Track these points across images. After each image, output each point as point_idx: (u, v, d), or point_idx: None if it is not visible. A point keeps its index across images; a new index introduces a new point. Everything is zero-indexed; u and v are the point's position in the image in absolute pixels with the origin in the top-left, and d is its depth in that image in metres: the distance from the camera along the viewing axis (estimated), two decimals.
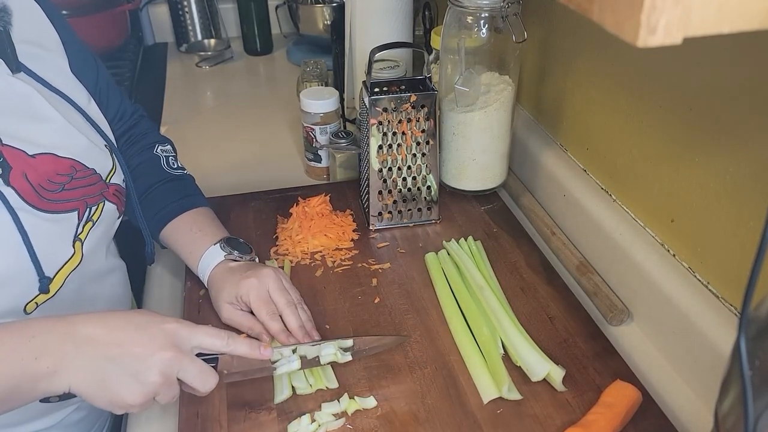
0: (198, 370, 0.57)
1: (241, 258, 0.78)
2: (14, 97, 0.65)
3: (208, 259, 0.77)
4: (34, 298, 0.64)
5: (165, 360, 0.54)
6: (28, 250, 0.61)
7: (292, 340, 0.71)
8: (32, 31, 0.70)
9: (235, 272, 0.75)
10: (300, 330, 0.71)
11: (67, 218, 0.67)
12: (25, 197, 0.62)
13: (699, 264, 0.71)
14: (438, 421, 0.65)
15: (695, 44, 0.39)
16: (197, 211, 0.82)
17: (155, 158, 0.85)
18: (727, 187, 0.65)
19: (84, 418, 0.78)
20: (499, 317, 0.74)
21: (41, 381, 0.51)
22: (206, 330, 0.59)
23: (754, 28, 0.28)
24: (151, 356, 0.54)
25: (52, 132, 0.67)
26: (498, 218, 0.96)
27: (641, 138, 0.77)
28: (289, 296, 0.74)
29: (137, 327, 0.55)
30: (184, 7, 1.69)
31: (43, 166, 0.65)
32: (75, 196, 0.67)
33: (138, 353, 0.54)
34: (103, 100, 0.80)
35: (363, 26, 1.12)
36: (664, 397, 0.69)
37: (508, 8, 0.85)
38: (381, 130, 0.88)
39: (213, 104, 1.49)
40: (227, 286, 0.74)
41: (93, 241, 0.71)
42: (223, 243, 0.78)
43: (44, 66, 0.69)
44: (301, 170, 1.14)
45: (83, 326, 0.54)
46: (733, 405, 0.36)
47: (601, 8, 0.29)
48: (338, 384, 0.69)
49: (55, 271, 0.65)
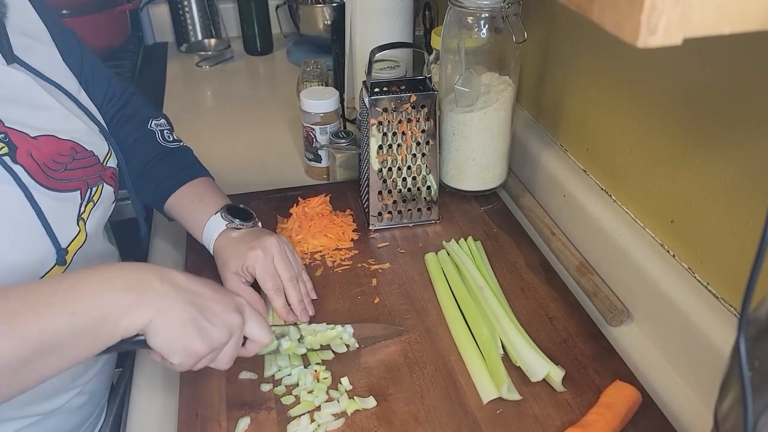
0: (259, 325, 0.61)
1: (242, 225, 0.78)
2: (12, 87, 0.66)
3: (210, 229, 0.78)
4: (49, 272, 0.65)
5: (235, 321, 0.58)
6: (42, 224, 0.63)
7: (291, 316, 0.74)
8: (22, 23, 0.71)
9: (239, 242, 0.76)
10: (299, 305, 0.75)
11: (71, 197, 0.68)
12: (33, 175, 0.64)
13: (698, 264, 0.71)
14: (437, 422, 0.65)
15: (695, 45, 0.39)
16: (197, 181, 0.83)
17: (150, 133, 0.86)
18: (726, 188, 0.65)
19: (85, 403, 0.79)
20: (498, 317, 0.74)
21: (125, 313, 0.51)
22: (261, 322, 0.62)
23: (754, 29, 0.28)
24: (226, 314, 0.57)
25: (51, 118, 0.69)
26: (498, 218, 0.96)
27: (641, 138, 0.78)
28: (292, 269, 0.76)
29: (214, 289, 0.59)
30: (184, 6, 1.69)
31: (46, 146, 0.66)
32: (77, 176, 0.69)
33: (215, 309, 0.57)
34: (89, 83, 0.81)
35: (363, 26, 1.12)
36: (663, 398, 0.69)
37: (509, 8, 0.85)
38: (381, 130, 0.88)
39: (213, 104, 1.49)
40: (233, 258, 0.75)
41: (94, 222, 0.72)
42: (223, 212, 0.79)
43: (36, 57, 0.70)
44: (301, 170, 1.14)
45: (169, 272, 0.56)
46: (732, 405, 0.36)
47: (601, 8, 0.29)
48: (333, 355, 0.72)
49: (67, 245, 0.67)
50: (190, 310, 0.54)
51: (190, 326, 0.54)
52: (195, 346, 0.54)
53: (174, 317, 0.53)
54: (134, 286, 0.52)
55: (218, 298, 0.58)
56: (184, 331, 0.54)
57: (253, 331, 0.61)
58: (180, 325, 0.53)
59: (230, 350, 0.58)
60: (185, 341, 0.54)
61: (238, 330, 0.58)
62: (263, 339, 0.62)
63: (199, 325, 0.54)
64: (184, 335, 0.54)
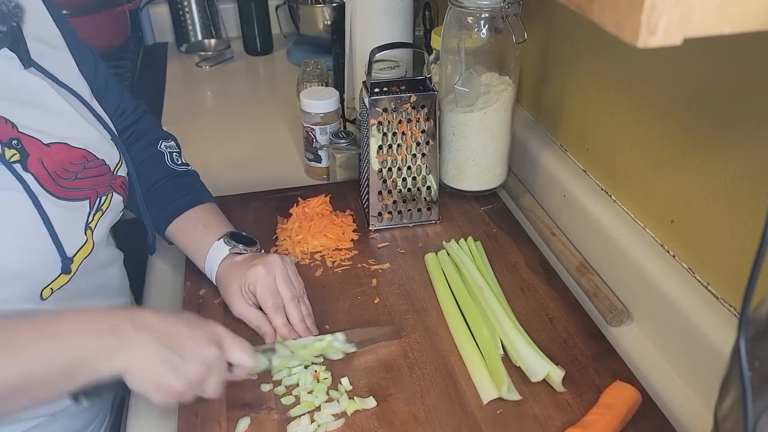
0: (240, 350, 0.63)
1: (246, 251, 0.79)
2: (28, 90, 0.66)
3: (213, 254, 0.78)
4: (54, 281, 0.66)
5: (210, 354, 0.59)
6: (49, 233, 0.64)
7: (293, 334, 0.73)
8: (38, 29, 0.71)
9: (241, 264, 0.76)
10: (301, 324, 0.74)
11: (79, 206, 0.68)
12: (43, 183, 0.64)
13: (698, 265, 0.71)
14: (437, 422, 0.65)
15: (695, 45, 0.39)
16: (202, 207, 0.83)
17: (159, 154, 0.86)
18: (726, 188, 0.65)
19: (88, 407, 0.79)
20: (498, 318, 0.74)
21: (101, 359, 0.54)
22: (243, 346, 0.63)
23: (754, 29, 0.28)
24: (200, 349, 0.59)
25: (65, 124, 0.69)
26: (498, 219, 0.96)
27: (641, 139, 0.78)
28: (294, 289, 0.75)
29: (187, 324, 0.60)
30: (184, 6, 1.69)
31: (58, 154, 0.67)
32: (86, 185, 0.69)
33: (188, 345, 0.58)
34: (101, 95, 0.81)
35: (363, 26, 1.12)
36: (663, 398, 0.69)
37: (509, 9, 0.85)
38: (381, 131, 0.88)
39: (213, 104, 1.49)
40: (235, 278, 0.75)
41: (101, 231, 0.72)
42: (227, 237, 0.79)
43: (51, 62, 0.70)
44: (301, 170, 1.14)
45: (140, 315, 0.58)
46: (732, 406, 0.36)
47: (601, 9, 0.29)
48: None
49: (73, 254, 0.67)
50: (162, 351, 0.57)
51: (163, 366, 0.56)
52: (171, 384, 0.57)
53: (148, 360, 0.56)
54: (108, 333, 0.55)
55: (191, 333, 0.60)
56: (158, 372, 0.56)
57: (235, 357, 0.62)
58: (154, 367, 0.56)
59: (213, 380, 0.60)
60: (160, 381, 0.57)
61: (216, 361, 0.60)
62: (245, 363, 0.63)
63: (173, 364, 0.57)
64: (158, 375, 0.56)
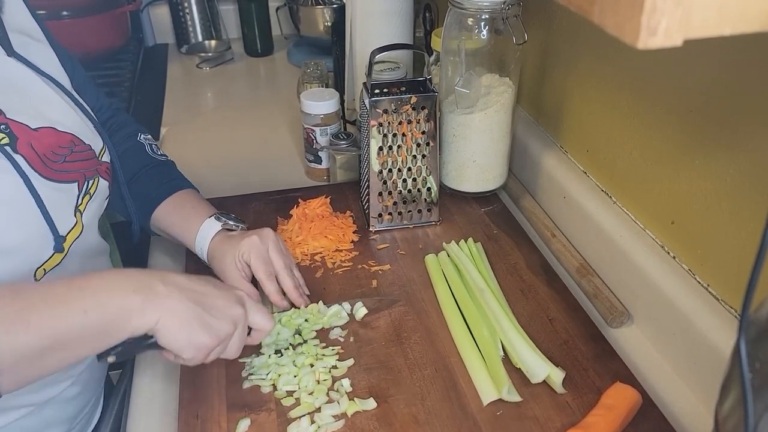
0: (261, 314, 0.65)
1: (237, 227, 0.81)
2: (13, 78, 0.68)
3: (205, 231, 0.80)
4: (47, 261, 0.67)
5: (238, 313, 0.62)
6: (42, 212, 0.65)
7: (285, 301, 0.76)
8: (19, 20, 0.73)
9: (235, 237, 0.78)
10: (295, 291, 0.77)
11: (69, 188, 0.70)
12: (33, 165, 0.65)
13: (699, 266, 0.71)
14: (438, 423, 0.65)
15: (695, 46, 0.39)
16: (187, 191, 0.85)
17: (139, 145, 0.88)
18: (727, 189, 0.65)
19: (79, 393, 0.79)
20: (499, 319, 0.74)
21: (134, 314, 0.55)
22: (263, 311, 0.66)
23: (755, 30, 0.28)
24: (229, 308, 0.61)
25: (51, 110, 0.71)
26: (498, 220, 0.96)
27: (641, 140, 0.78)
28: (287, 259, 0.78)
29: (215, 285, 0.63)
30: (184, 8, 1.69)
31: (46, 138, 0.68)
32: (75, 167, 0.71)
33: (218, 304, 0.60)
34: (81, 90, 0.82)
35: (363, 28, 1.12)
36: (664, 399, 0.69)
37: (509, 10, 0.85)
38: (381, 132, 0.88)
39: (213, 105, 1.49)
40: (229, 250, 0.77)
41: (90, 215, 0.74)
42: (217, 215, 0.81)
43: (33, 53, 0.72)
44: (301, 172, 1.14)
45: (169, 275, 0.59)
46: (733, 407, 0.36)
47: (601, 10, 0.29)
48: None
49: (65, 234, 0.68)
50: (194, 308, 0.58)
51: (195, 323, 0.58)
52: (202, 340, 0.58)
53: (180, 316, 0.57)
54: (140, 289, 0.56)
55: (220, 294, 0.62)
56: (190, 328, 0.57)
57: (256, 319, 0.65)
58: (186, 323, 0.57)
59: (237, 339, 0.62)
60: (193, 337, 0.58)
61: (241, 321, 0.62)
62: (266, 326, 0.65)
63: (204, 320, 0.58)
64: (191, 331, 0.58)
